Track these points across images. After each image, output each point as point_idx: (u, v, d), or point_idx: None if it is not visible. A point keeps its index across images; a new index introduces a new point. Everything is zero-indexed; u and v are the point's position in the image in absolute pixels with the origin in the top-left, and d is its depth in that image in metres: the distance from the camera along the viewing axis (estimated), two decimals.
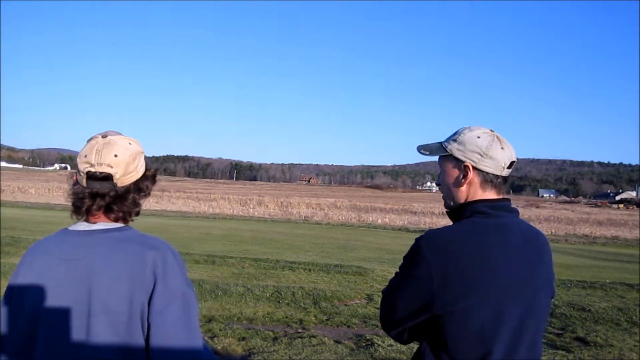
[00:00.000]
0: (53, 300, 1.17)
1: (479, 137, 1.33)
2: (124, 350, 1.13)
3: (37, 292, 1.18)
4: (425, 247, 1.24)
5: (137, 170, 1.28)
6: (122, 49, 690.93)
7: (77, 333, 1.14)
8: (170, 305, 1.15)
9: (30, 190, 43.15)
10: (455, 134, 1.38)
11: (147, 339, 1.14)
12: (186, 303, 1.17)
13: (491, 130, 1.36)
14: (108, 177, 1.21)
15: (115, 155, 1.22)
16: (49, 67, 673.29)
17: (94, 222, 1.24)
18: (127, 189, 1.26)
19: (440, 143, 1.40)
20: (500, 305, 1.20)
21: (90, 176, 1.21)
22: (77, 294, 1.16)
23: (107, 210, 1.25)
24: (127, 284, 1.14)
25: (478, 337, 1.20)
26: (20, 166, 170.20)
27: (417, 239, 1.28)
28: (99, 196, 1.22)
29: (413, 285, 1.25)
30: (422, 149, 1.43)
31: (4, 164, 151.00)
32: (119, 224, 1.26)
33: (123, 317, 1.13)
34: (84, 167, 1.22)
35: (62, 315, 1.16)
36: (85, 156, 1.22)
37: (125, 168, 1.23)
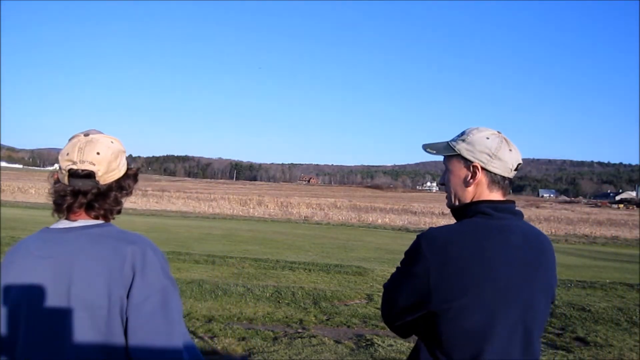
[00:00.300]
0: (33, 298, 1.17)
1: (488, 138, 1.34)
2: (105, 346, 1.13)
3: (17, 292, 1.18)
4: (425, 245, 1.25)
5: (119, 169, 1.28)
6: (122, 49, 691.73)
7: (58, 330, 1.14)
8: (149, 299, 1.14)
9: (30, 190, 43.20)
10: (462, 134, 1.39)
11: (125, 333, 1.14)
12: (165, 297, 1.16)
13: (498, 132, 1.37)
14: (90, 175, 1.22)
15: (98, 153, 1.23)
16: (49, 66, 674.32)
17: (75, 220, 1.25)
18: (110, 187, 1.26)
19: (448, 142, 1.40)
20: (496, 306, 1.21)
21: (72, 174, 1.22)
22: (56, 291, 1.16)
23: (88, 208, 1.25)
24: (105, 279, 1.14)
25: (471, 335, 1.21)
26: (20, 166, 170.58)
27: (418, 236, 1.29)
28: (81, 194, 1.23)
29: (411, 282, 1.27)
30: (428, 147, 1.43)
31: (4, 164, 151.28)
32: (99, 221, 1.26)
33: (102, 312, 1.13)
34: (65, 165, 1.22)
35: (43, 313, 1.16)
36: (67, 154, 1.23)
37: (107, 166, 1.24)
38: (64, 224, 1.25)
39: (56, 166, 1.32)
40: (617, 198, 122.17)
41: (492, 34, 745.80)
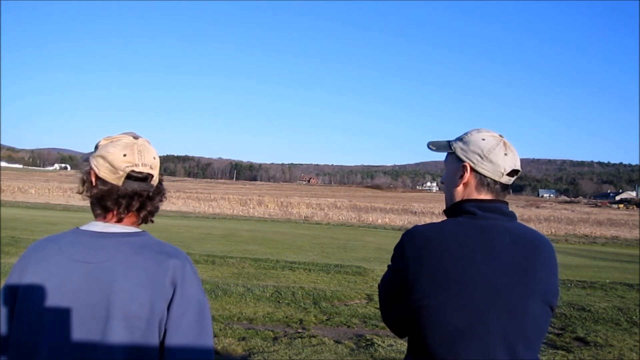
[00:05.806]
0: (67, 301, 1.14)
1: (483, 140, 1.33)
2: (139, 356, 1.13)
3: (48, 292, 1.15)
4: (405, 241, 1.27)
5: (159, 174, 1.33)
6: (122, 49, 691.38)
7: (92, 337, 1.13)
8: (187, 313, 1.17)
9: (30, 190, 43.18)
10: (464, 133, 1.39)
11: (161, 343, 1.15)
12: (201, 310, 1.20)
13: (500, 136, 1.35)
14: (147, 178, 1.24)
15: (154, 158, 1.27)
16: (49, 66, 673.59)
17: (111, 224, 1.23)
18: (157, 191, 1.30)
19: (449, 141, 1.41)
20: (474, 306, 1.19)
21: (131, 176, 1.21)
22: (94, 298, 1.14)
23: (138, 211, 1.26)
24: (148, 291, 1.14)
25: (448, 334, 1.19)
26: (20, 166, 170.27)
27: (402, 234, 1.31)
28: (137, 196, 1.23)
29: (394, 277, 1.28)
30: (431, 144, 1.44)
31: (4, 164, 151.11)
32: (136, 229, 1.26)
33: (142, 323, 1.13)
34: (124, 166, 1.20)
35: (77, 318, 1.14)
36: (125, 155, 1.21)
37: (159, 170, 1.29)
38: (99, 227, 1.22)
39: (56, 166, 1.32)
40: (617, 198, 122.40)
41: (493, 34, 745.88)
